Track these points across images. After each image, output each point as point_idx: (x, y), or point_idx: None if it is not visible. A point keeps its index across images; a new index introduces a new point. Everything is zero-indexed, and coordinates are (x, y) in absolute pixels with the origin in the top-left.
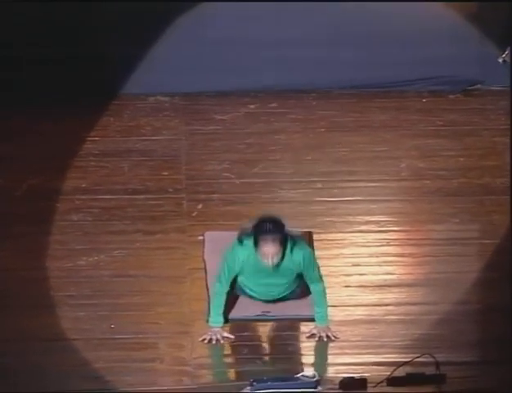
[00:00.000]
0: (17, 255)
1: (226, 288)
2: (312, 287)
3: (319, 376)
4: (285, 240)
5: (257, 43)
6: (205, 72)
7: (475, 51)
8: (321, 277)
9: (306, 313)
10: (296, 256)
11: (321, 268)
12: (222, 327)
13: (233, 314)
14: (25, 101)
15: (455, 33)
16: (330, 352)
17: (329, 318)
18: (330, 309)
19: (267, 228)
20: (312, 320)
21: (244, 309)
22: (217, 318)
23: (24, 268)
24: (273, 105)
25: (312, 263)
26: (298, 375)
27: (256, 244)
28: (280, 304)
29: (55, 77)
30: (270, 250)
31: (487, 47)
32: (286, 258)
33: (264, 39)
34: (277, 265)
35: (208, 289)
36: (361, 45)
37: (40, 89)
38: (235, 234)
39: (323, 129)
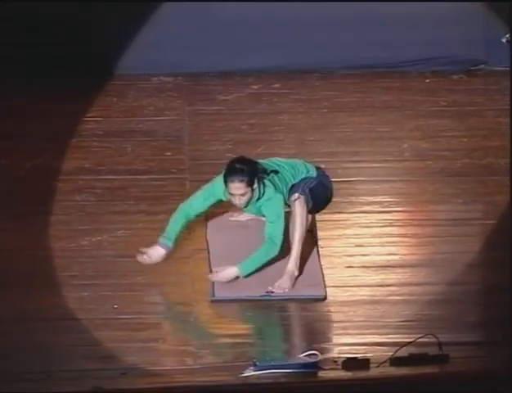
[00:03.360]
0: (20, 235)
1: (195, 211)
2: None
3: (321, 356)
4: (256, 182)
5: (260, 24)
6: (208, 52)
7: (479, 31)
8: (278, 225)
9: (309, 293)
10: (263, 203)
11: (323, 249)
12: (165, 251)
13: (237, 294)
14: (31, 82)
15: (459, 14)
16: (332, 332)
17: (246, 272)
18: (332, 289)
19: (235, 168)
20: (317, 301)
21: (247, 288)
22: (169, 238)
23: (26, 248)
24: (276, 85)
25: (276, 209)
26: (301, 355)
27: (226, 184)
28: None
29: (57, 57)
30: (236, 191)
31: (493, 27)
32: (258, 201)
33: (268, 20)
34: (248, 207)
35: (211, 270)
36: (364, 25)
37: (43, 70)
38: (236, 218)
39: (326, 110)
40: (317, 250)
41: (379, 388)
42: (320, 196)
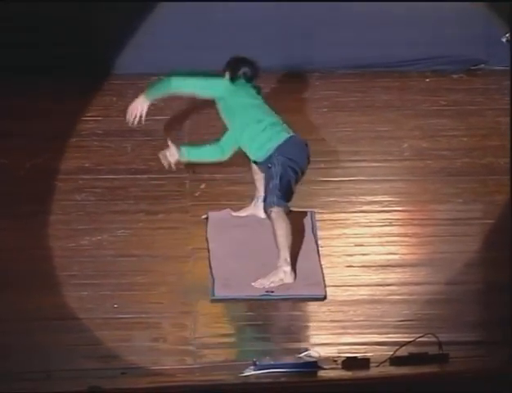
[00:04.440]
0: (20, 235)
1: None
2: None
3: (321, 355)
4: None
5: (259, 23)
6: (207, 52)
7: (479, 31)
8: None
9: (309, 293)
10: None
11: (323, 248)
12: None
13: (236, 293)
14: (31, 82)
15: (459, 14)
16: (332, 332)
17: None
18: (332, 288)
19: None
20: (316, 300)
21: (247, 288)
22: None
23: (26, 247)
24: (276, 85)
25: None
26: (301, 355)
27: None
28: (283, 285)
29: (57, 57)
30: None
31: (493, 27)
32: None
33: (267, 19)
34: None
35: (211, 268)
36: (364, 25)
37: (43, 70)
38: (237, 214)
39: (326, 109)
40: (317, 250)
41: (379, 388)
42: (290, 183)
